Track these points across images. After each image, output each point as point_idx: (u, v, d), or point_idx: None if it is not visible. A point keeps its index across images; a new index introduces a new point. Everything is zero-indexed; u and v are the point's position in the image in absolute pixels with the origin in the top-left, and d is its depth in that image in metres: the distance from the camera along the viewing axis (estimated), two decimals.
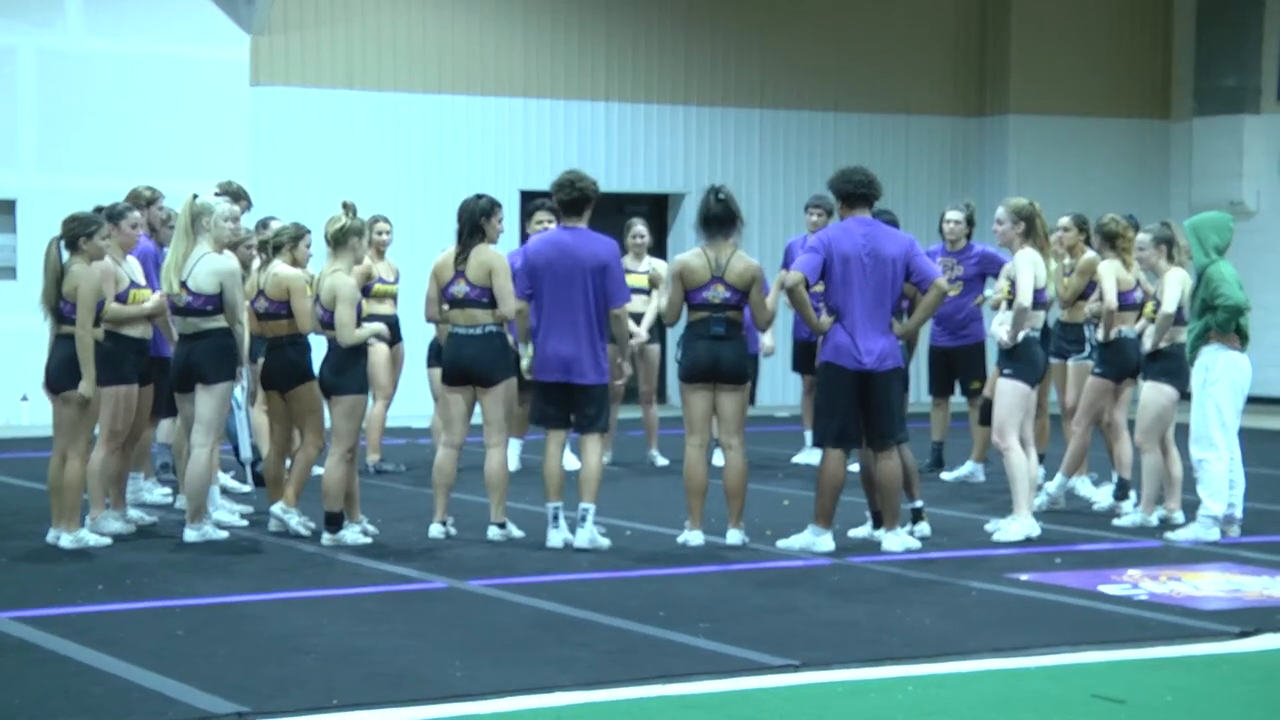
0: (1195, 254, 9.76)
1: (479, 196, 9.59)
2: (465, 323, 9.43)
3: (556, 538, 9.32)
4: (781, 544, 9.37)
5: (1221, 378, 9.69)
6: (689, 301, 9.37)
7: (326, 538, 9.37)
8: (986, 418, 12.02)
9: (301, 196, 15.77)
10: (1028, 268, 9.69)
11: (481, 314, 9.38)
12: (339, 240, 9.48)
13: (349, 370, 9.42)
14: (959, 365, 12.51)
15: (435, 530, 9.61)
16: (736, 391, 9.36)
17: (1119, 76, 20.43)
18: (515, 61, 18.06)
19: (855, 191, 9.23)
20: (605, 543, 9.29)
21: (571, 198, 9.36)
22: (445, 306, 9.56)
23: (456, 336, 9.47)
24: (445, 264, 9.51)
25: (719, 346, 9.29)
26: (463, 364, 9.43)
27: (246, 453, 11.26)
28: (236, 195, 10.52)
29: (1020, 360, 9.76)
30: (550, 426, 9.42)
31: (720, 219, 9.31)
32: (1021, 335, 9.71)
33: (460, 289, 9.40)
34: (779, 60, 19.15)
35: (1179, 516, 10.19)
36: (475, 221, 9.43)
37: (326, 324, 9.46)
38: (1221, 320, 9.63)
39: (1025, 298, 9.64)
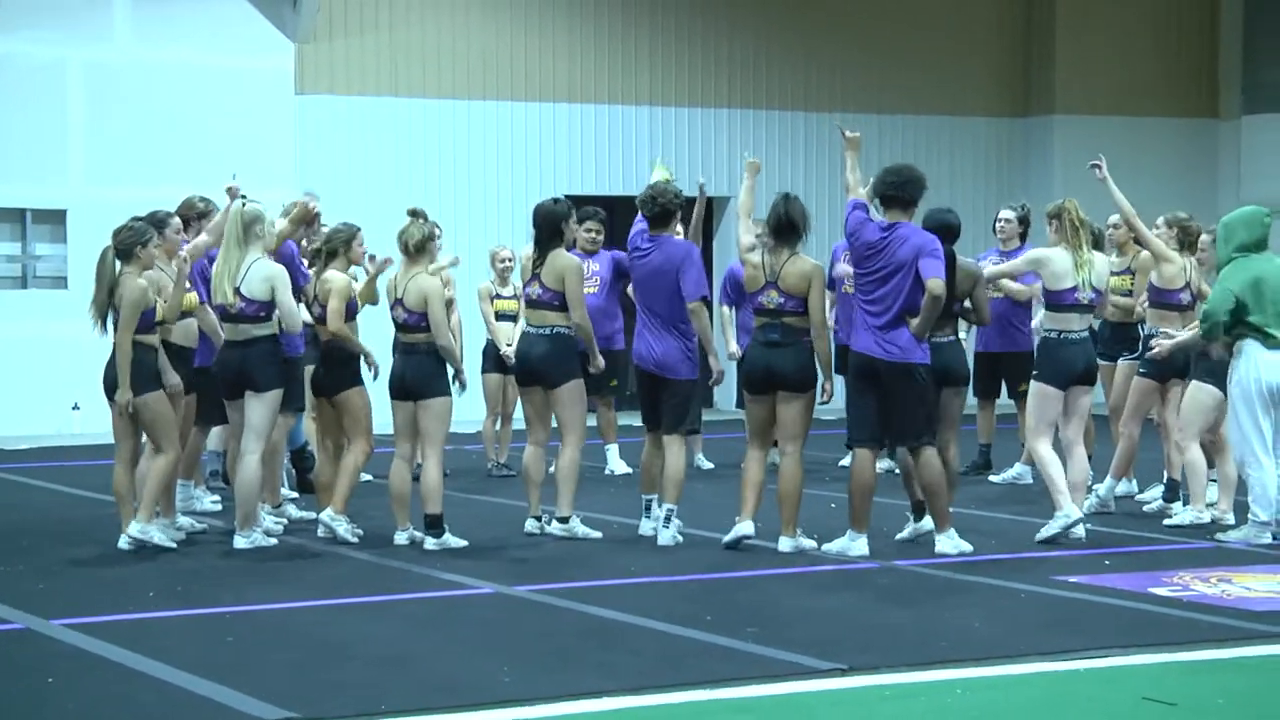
0: (1219, 250, 9.65)
1: (556, 200, 9.85)
2: (537, 323, 9.70)
3: (647, 526, 9.77)
4: (825, 548, 9.37)
5: (1246, 377, 9.58)
6: (750, 306, 9.61)
7: (431, 543, 9.40)
8: None
9: (348, 204, 15.76)
10: (1024, 257, 10.01)
11: (552, 315, 9.65)
12: (422, 247, 9.56)
13: (439, 373, 9.49)
14: (1006, 368, 12.46)
15: (531, 525, 9.82)
16: (796, 398, 9.33)
17: (1165, 75, 20.28)
18: (559, 67, 18.10)
19: (885, 192, 9.28)
20: (680, 538, 9.57)
21: (654, 213, 9.70)
22: (523, 306, 9.93)
23: (528, 336, 9.80)
24: (524, 266, 9.91)
25: (772, 353, 9.31)
26: (530, 363, 9.70)
27: None
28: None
29: (1038, 362, 9.92)
30: (648, 426, 9.80)
31: (784, 228, 9.35)
32: (1036, 330, 9.90)
33: (535, 291, 9.69)
34: (822, 63, 19.12)
35: (1230, 518, 10.12)
36: (555, 225, 9.67)
37: (415, 327, 9.49)
38: (1204, 330, 9.53)
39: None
